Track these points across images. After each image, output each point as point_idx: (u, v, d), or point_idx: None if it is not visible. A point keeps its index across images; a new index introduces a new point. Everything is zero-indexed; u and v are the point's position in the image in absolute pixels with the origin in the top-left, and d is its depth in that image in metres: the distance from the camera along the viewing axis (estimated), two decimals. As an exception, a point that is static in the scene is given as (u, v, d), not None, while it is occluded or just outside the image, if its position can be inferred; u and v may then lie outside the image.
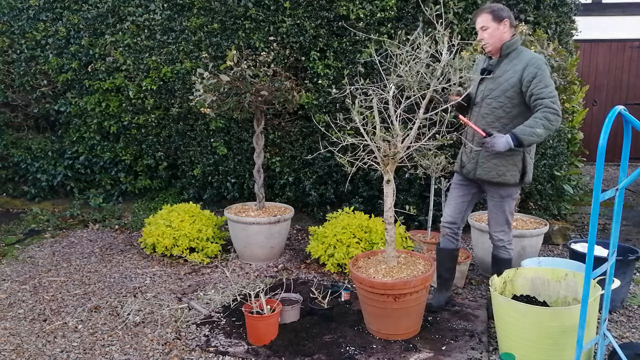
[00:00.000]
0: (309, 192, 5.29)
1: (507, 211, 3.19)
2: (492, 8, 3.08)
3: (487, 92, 3.10)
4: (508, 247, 3.26)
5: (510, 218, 3.23)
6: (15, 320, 3.38)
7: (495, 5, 3.11)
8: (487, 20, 3.07)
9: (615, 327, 3.23)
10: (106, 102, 5.80)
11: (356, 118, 2.90)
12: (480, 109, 3.14)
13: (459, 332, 3.12)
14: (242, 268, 4.32)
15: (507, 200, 3.17)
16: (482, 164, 3.12)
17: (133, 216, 5.72)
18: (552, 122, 2.87)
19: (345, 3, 4.85)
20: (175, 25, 5.45)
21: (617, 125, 3.92)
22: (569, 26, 5.12)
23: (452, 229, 3.36)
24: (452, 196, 3.37)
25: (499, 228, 3.23)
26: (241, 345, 2.99)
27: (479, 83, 3.16)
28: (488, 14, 3.07)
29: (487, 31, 3.07)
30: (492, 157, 3.08)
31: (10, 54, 6.07)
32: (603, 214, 5.48)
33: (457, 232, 3.38)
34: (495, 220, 3.23)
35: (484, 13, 3.09)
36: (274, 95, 4.27)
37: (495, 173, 3.10)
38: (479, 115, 3.14)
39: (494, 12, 3.06)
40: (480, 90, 3.16)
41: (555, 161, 4.81)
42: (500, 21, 3.04)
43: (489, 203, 3.24)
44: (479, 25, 3.12)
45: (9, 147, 6.29)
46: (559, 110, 2.90)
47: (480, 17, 3.11)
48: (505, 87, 3.02)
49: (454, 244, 3.39)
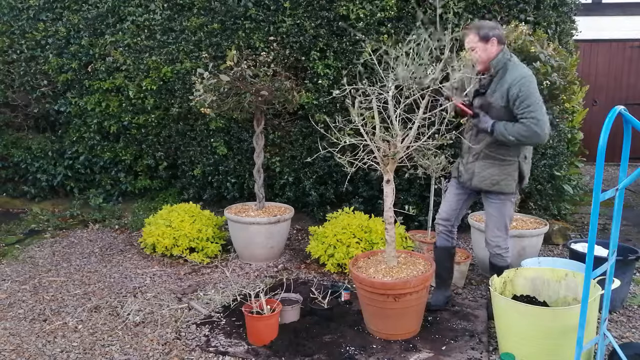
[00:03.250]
0: (309, 192, 5.29)
1: (505, 214, 3.16)
2: (479, 28, 3.04)
3: (480, 108, 3.11)
4: (504, 254, 3.20)
5: (508, 223, 3.19)
6: (15, 320, 3.38)
7: (483, 23, 3.08)
8: (474, 40, 3.03)
9: (615, 327, 3.23)
10: (106, 102, 5.80)
11: (356, 118, 2.90)
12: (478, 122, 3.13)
13: (459, 332, 3.12)
14: (242, 268, 4.32)
15: (505, 202, 3.16)
16: (478, 174, 3.14)
17: (133, 216, 5.72)
18: (527, 137, 2.92)
19: (345, 3, 4.85)
20: (175, 25, 5.45)
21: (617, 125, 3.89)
22: (569, 26, 5.12)
23: (446, 226, 3.37)
24: (449, 194, 3.40)
25: (496, 232, 3.19)
26: (241, 345, 2.99)
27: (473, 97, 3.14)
28: (475, 35, 3.03)
29: (475, 51, 3.03)
30: (488, 167, 3.11)
31: (10, 54, 6.07)
32: (603, 214, 5.48)
33: (451, 229, 3.39)
34: (493, 223, 3.19)
35: (471, 33, 3.05)
36: (274, 95, 4.27)
37: (490, 182, 3.12)
38: (474, 129, 3.16)
39: (480, 32, 3.01)
40: (475, 105, 3.14)
41: (555, 161, 4.81)
42: (487, 41, 3.00)
43: (487, 206, 3.23)
44: (467, 45, 3.07)
45: (9, 147, 6.28)
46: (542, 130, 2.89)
47: (468, 37, 3.06)
48: (496, 106, 3.04)
49: (450, 242, 3.40)
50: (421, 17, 4.38)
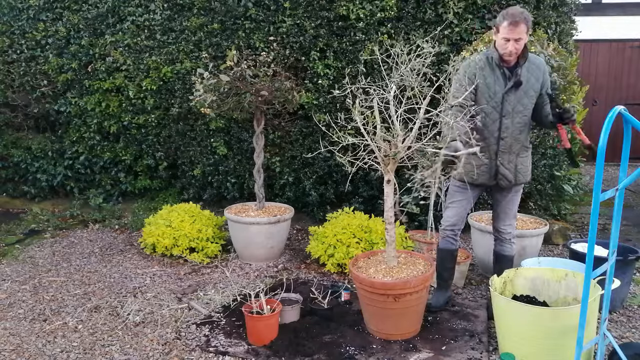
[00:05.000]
0: (309, 192, 5.29)
1: (517, 204, 3.36)
2: (527, 19, 2.91)
3: (516, 101, 3.06)
4: (513, 240, 3.37)
5: (516, 212, 3.39)
6: (15, 320, 3.38)
7: (528, 14, 2.94)
8: (523, 32, 2.90)
9: (615, 327, 3.23)
10: (106, 102, 5.80)
11: (357, 118, 2.90)
12: (513, 119, 3.09)
13: (459, 332, 3.12)
14: (242, 268, 4.32)
15: (519, 194, 3.34)
16: (522, 169, 3.21)
17: (133, 216, 5.72)
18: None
19: (345, 3, 4.85)
20: (175, 25, 5.45)
21: (617, 125, 3.89)
22: (569, 26, 5.12)
23: (454, 231, 3.36)
24: (454, 200, 3.33)
25: (508, 222, 3.33)
26: (241, 345, 2.99)
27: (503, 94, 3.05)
28: (525, 26, 2.89)
29: (521, 43, 2.93)
30: (526, 158, 3.23)
31: (10, 54, 6.07)
32: (603, 214, 5.48)
33: (457, 233, 3.39)
34: (507, 214, 3.32)
35: (522, 24, 2.88)
36: (274, 95, 4.27)
37: (529, 172, 3.27)
38: (512, 126, 3.10)
39: (528, 24, 2.91)
40: (507, 102, 3.05)
41: (555, 161, 4.81)
42: (528, 31, 2.96)
43: (503, 199, 3.30)
44: (515, 36, 2.90)
45: (9, 147, 6.28)
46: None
47: (519, 27, 2.88)
48: (531, 94, 3.07)
49: (454, 245, 3.40)
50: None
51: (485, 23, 4.70)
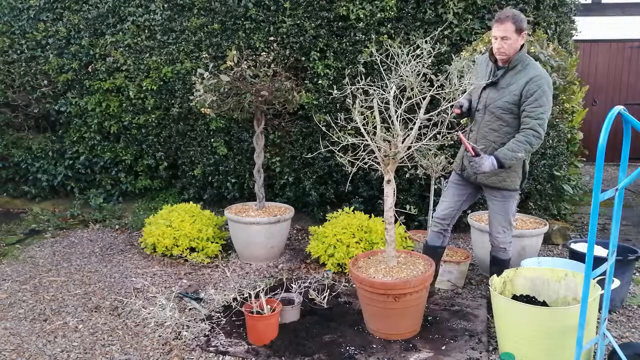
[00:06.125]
0: (309, 192, 5.29)
1: (509, 211, 3.21)
2: (515, 18, 2.92)
3: (490, 100, 3.09)
4: (508, 248, 3.28)
5: (512, 219, 3.25)
6: (15, 320, 3.38)
7: (518, 14, 2.95)
8: (510, 31, 2.91)
9: (615, 327, 3.24)
10: (106, 102, 5.80)
11: (357, 118, 2.91)
12: (483, 117, 3.13)
13: (459, 332, 3.12)
14: (242, 268, 4.32)
15: (509, 200, 3.19)
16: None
17: (133, 216, 5.72)
18: (533, 145, 2.94)
19: (345, 3, 4.85)
20: (175, 25, 5.45)
21: (617, 125, 3.89)
22: (568, 26, 5.13)
23: (443, 225, 3.38)
24: (448, 194, 3.38)
25: (499, 228, 3.24)
26: (241, 345, 2.99)
27: (482, 89, 3.12)
28: (512, 24, 2.91)
29: (508, 42, 2.94)
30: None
31: (10, 54, 6.07)
32: (603, 214, 5.48)
33: (446, 229, 3.40)
34: (497, 220, 3.24)
35: (509, 22, 2.91)
36: (274, 95, 4.28)
37: (495, 179, 3.13)
38: (482, 122, 3.14)
39: (516, 24, 2.91)
40: (483, 97, 3.13)
41: (555, 161, 4.81)
42: (520, 33, 2.95)
43: (490, 204, 3.25)
44: (500, 34, 2.94)
45: (10, 147, 6.29)
46: (543, 133, 2.93)
47: (504, 25, 2.92)
48: (508, 99, 3.00)
49: (440, 241, 3.42)
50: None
51: (485, 23, 4.70)
